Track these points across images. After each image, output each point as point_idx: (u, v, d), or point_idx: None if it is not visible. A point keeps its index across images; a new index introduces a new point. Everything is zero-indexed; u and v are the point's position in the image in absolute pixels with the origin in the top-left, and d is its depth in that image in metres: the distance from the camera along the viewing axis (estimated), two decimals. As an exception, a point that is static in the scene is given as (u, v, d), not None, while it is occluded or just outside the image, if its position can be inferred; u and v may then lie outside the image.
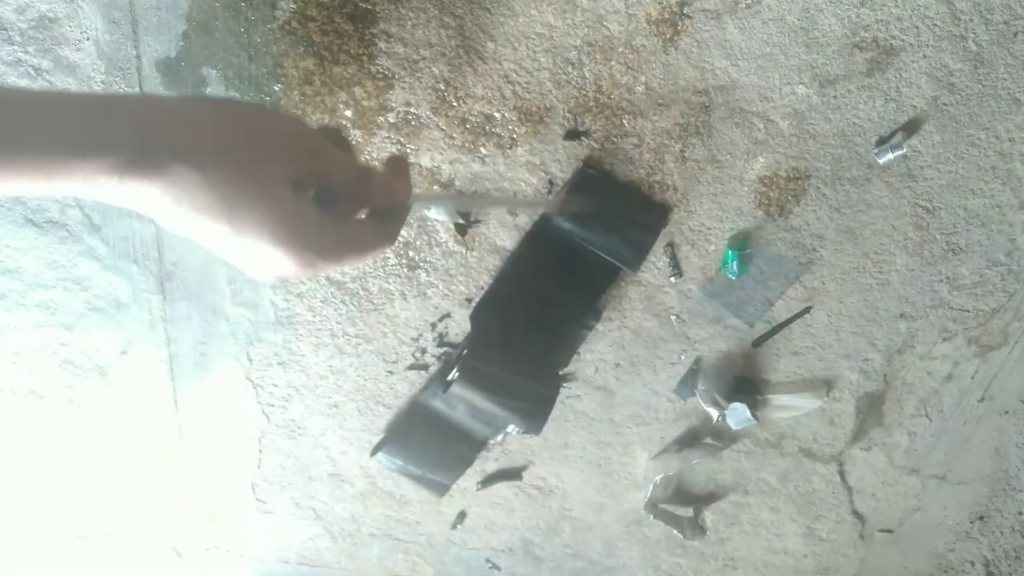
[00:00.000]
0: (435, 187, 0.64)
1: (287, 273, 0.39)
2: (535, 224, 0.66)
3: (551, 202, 0.63)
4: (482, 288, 0.70)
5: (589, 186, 0.62)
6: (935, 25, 0.58)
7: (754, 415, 0.76)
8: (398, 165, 0.45)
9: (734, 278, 0.70)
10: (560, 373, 0.73)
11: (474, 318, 0.69)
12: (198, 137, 0.36)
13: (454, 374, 0.69)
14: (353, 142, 0.46)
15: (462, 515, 0.85)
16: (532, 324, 0.69)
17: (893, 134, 0.63)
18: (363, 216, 0.44)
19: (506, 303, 0.68)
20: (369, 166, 0.43)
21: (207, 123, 0.36)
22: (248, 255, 0.38)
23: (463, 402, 0.70)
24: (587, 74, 0.60)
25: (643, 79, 0.60)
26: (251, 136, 0.37)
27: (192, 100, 0.39)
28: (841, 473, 0.85)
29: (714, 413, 0.76)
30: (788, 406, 0.79)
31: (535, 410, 0.70)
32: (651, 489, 0.82)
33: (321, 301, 0.70)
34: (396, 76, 0.59)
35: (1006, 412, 0.82)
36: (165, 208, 0.36)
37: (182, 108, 0.37)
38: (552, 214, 0.64)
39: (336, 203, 0.42)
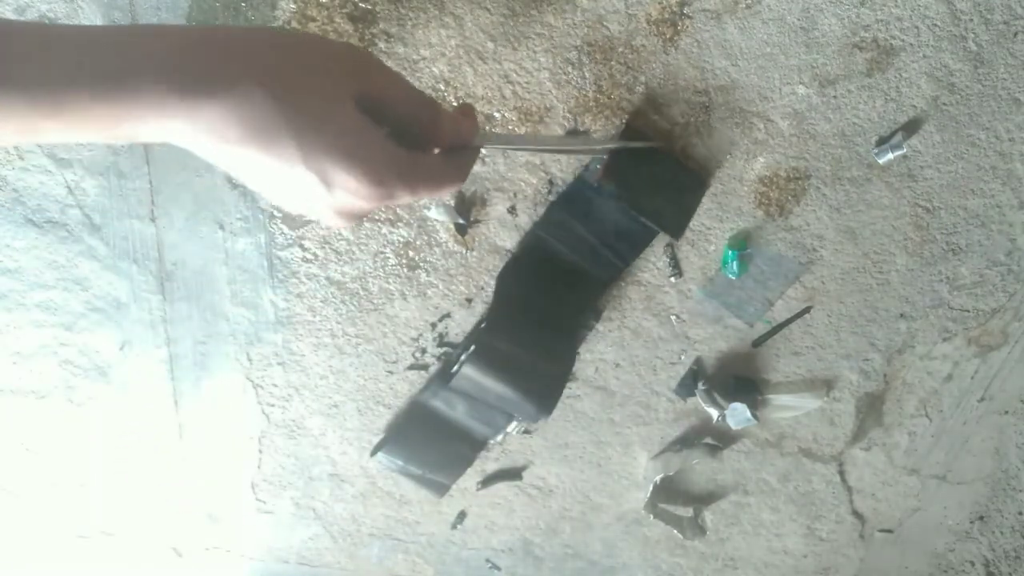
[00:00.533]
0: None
1: (359, 198, 0.38)
2: (570, 186, 0.64)
3: (608, 145, 0.61)
4: (482, 288, 0.70)
5: (630, 148, 0.61)
6: (935, 25, 0.58)
7: (754, 415, 0.76)
8: (466, 108, 0.45)
9: (734, 278, 0.70)
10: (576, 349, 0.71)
11: (500, 279, 0.68)
12: (262, 59, 0.35)
13: (465, 356, 0.69)
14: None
15: (462, 515, 0.85)
16: (557, 289, 0.68)
17: (893, 134, 0.63)
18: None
19: (533, 266, 0.67)
20: (436, 102, 0.42)
21: (269, 45, 0.36)
22: (316, 182, 0.36)
23: (467, 393, 0.70)
24: (587, 74, 0.60)
25: (643, 79, 0.60)
26: (317, 55, 0.37)
27: (251, 27, 0.39)
28: (841, 473, 0.85)
29: (714, 413, 0.76)
30: (788, 406, 0.79)
31: (546, 390, 0.68)
32: (651, 489, 0.82)
33: (321, 301, 0.70)
34: (396, 76, 0.59)
35: (1006, 412, 0.82)
36: (232, 131, 0.35)
37: (243, 33, 0.36)
38: (588, 174, 0.63)
39: (406, 138, 0.40)
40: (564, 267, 0.67)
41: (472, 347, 0.69)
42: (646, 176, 0.62)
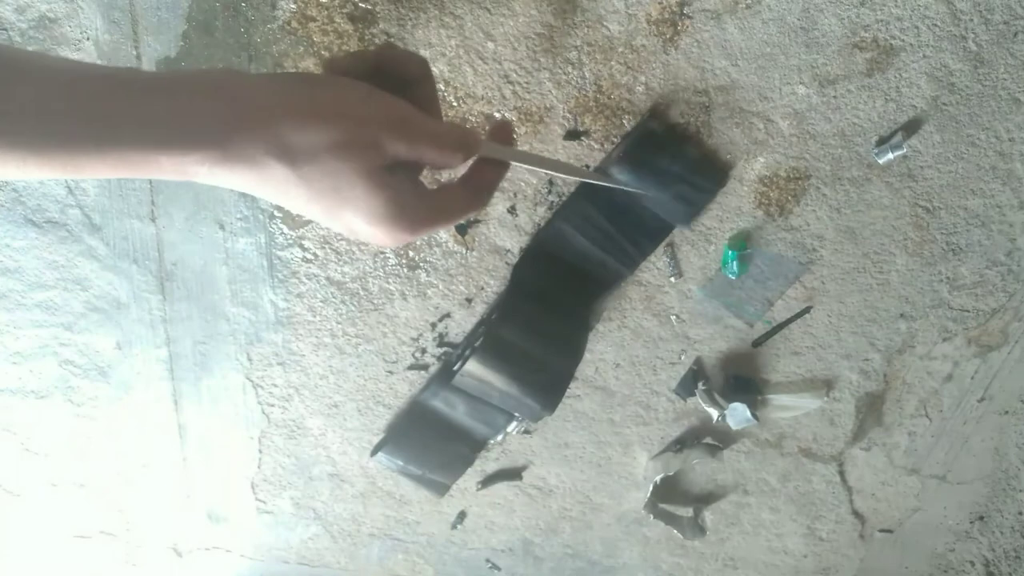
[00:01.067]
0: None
1: (379, 245, 0.39)
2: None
3: (612, 151, 0.61)
4: (482, 288, 0.70)
5: (650, 140, 0.61)
6: (935, 25, 0.58)
7: (754, 415, 0.76)
8: (504, 132, 0.44)
9: (734, 278, 0.70)
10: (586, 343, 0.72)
11: (517, 268, 0.68)
12: (289, 128, 0.35)
13: (470, 351, 0.69)
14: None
15: (462, 515, 0.85)
16: (575, 280, 0.68)
17: (893, 134, 0.63)
18: (456, 180, 0.44)
19: (552, 257, 0.67)
20: (467, 131, 0.42)
21: (297, 111, 0.35)
22: (342, 230, 0.39)
23: (469, 392, 0.70)
24: (587, 74, 0.60)
25: (643, 79, 0.60)
26: (345, 123, 0.36)
27: (281, 81, 0.37)
28: (841, 473, 0.85)
29: (714, 413, 0.76)
30: (788, 406, 0.79)
31: (552, 385, 0.68)
32: (651, 489, 0.82)
33: (321, 301, 0.70)
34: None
35: (1006, 412, 0.82)
36: (258, 192, 0.36)
37: (271, 92, 0.36)
38: (607, 166, 0.63)
39: (428, 167, 0.41)
40: (583, 258, 0.68)
41: (479, 340, 0.69)
42: (661, 167, 0.63)
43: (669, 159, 0.62)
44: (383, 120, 0.38)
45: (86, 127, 0.32)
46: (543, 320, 0.67)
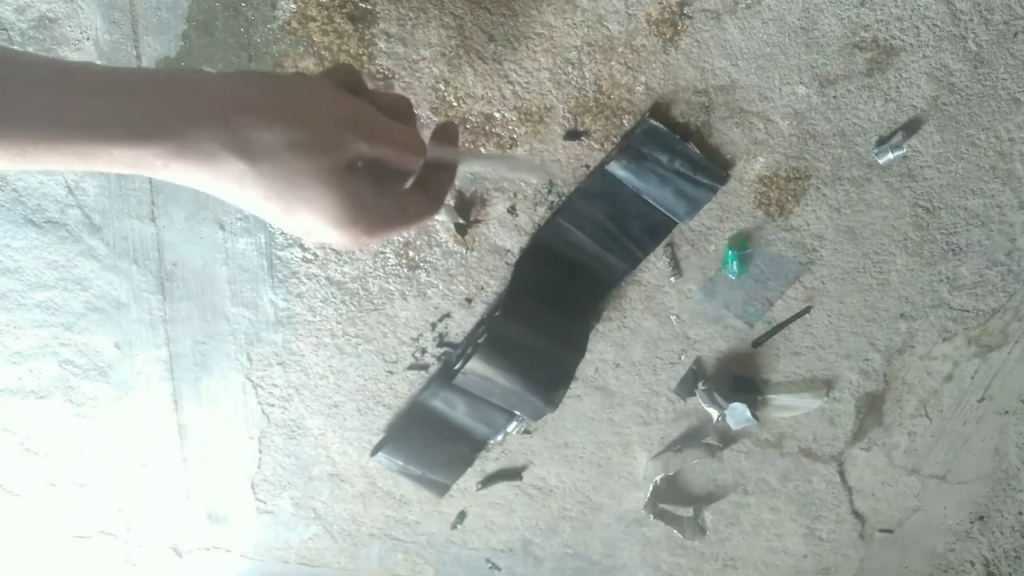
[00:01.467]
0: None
1: (336, 247, 0.40)
2: (588, 176, 0.64)
3: (610, 153, 0.61)
4: (482, 288, 0.70)
5: (651, 139, 0.61)
6: (935, 25, 0.58)
7: (754, 415, 0.76)
8: (448, 132, 0.45)
9: (734, 278, 0.70)
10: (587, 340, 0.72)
11: (518, 266, 0.68)
12: (247, 125, 0.35)
13: (472, 349, 0.69)
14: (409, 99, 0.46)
15: (462, 515, 0.85)
16: (576, 277, 0.68)
17: (893, 134, 0.63)
18: (410, 183, 0.45)
19: (553, 254, 0.67)
20: (420, 141, 0.43)
21: (256, 108, 0.35)
22: (297, 231, 0.39)
23: (470, 391, 0.70)
24: (587, 74, 0.60)
25: (643, 79, 0.60)
26: (304, 122, 0.36)
27: (240, 79, 0.37)
28: (841, 473, 0.85)
29: (714, 413, 0.76)
30: (788, 406, 0.79)
31: (555, 382, 0.68)
32: (651, 489, 0.82)
33: (321, 301, 0.70)
34: (396, 76, 0.59)
35: (1006, 412, 0.82)
36: (213, 190, 0.36)
37: (230, 89, 0.35)
38: (608, 162, 0.63)
39: (386, 172, 0.42)
40: (585, 255, 0.68)
41: (482, 338, 0.69)
42: (661, 164, 0.63)
43: (670, 156, 0.62)
44: (343, 119, 0.38)
45: (38, 118, 0.31)
46: (545, 317, 0.67)
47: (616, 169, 0.63)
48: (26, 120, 0.31)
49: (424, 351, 0.73)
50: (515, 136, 0.62)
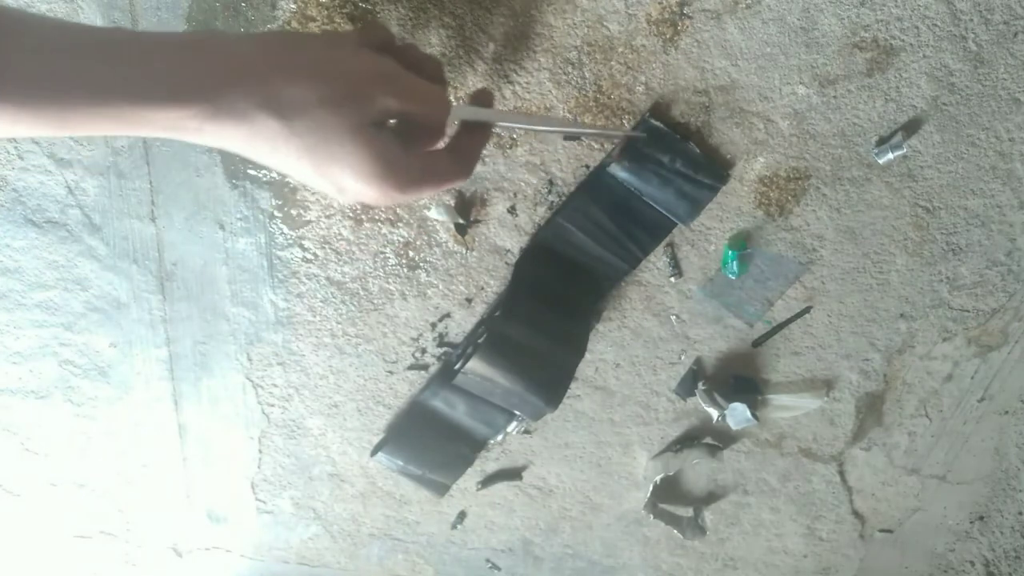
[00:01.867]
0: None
1: (370, 202, 0.41)
2: (588, 176, 0.64)
3: (624, 137, 0.61)
4: (482, 288, 0.70)
5: (652, 139, 0.61)
6: (935, 25, 0.58)
7: (754, 415, 0.76)
8: (483, 97, 0.46)
9: (734, 278, 0.70)
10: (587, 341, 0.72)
11: (518, 266, 0.68)
12: (279, 83, 0.35)
13: (472, 348, 0.68)
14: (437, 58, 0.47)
15: (462, 515, 0.85)
16: (576, 277, 0.68)
17: (893, 134, 0.63)
18: (441, 145, 0.45)
19: (553, 254, 0.67)
20: (448, 102, 0.44)
21: (287, 66, 0.36)
22: (330, 189, 0.39)
23: (470, 391, 0.70)
24: (587, 74, 0.60)
25: (643, 79, 0.60)
26: (334, 78, 0.37)
27: (270, 39, 0.38)
28: (841, 473, 0.85)
29: (714, 413, 0.76)
30: (788, 406, 0.79)
31: (555, 381, 0.68)
32: (651, 489, 0.82)
33: (321, 301, 0.70)
34: (396, 76, 0.59)
35: (1006, 412, 0.82)
36: (246, 150, 0.36)
37: (260, 49, 0.36)
38: (608, 163, 0.63)
39: (415, 132, 0.42)
40: (585, 255, 0.68)
41: (482, 337, 0.69)
42: (663, 164, 0.63)
43: (671, 155, 0.62)
44: (372, 75, 0.38)
45: (79, 83, 0.32)
46: (545, 317, 0.67)
47: (617, 171, 0.63)
48: (66, 86, 0.32)
49: (424, 351, 0.73)
50: (515, 136, 0.62)
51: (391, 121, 0.42)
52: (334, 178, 0.38)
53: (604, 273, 0.69)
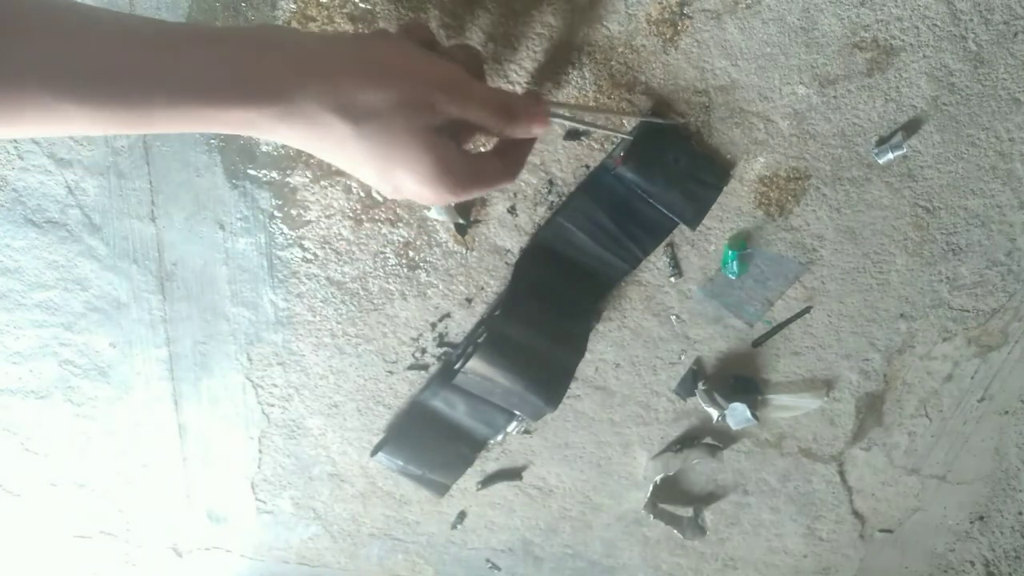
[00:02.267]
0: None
1: (419, 202, 0.43)
2: (588, 176, 0.64)
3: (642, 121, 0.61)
4: (482, 288, 0.70)
5: (655, 135, 0.61)
6: (935, 25, 0.58)
7: (754, 415, 0.76)
8: (533, 103, 0.47)
9: (734, 278, 0.70)
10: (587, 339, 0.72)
11: (518, 266, 0.68)
12: (349, 87, 0.36)
13: (472, 348, 0.68)
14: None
15: (462, 515, 0.85)
16: (576, 277, 0.68)
17: (893, 134, 0.63)
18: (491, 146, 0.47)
19: (553, 254, 0.67)
20: (509, 97, 0.45)
21: (355, 70, 0.37)
22: (386, 188, 0.41)
23: (470, 391, 0.70)
24: (587, 74, 0.60)
25: (643, 79, 0.60)
26: (402, 83, 0.38)
27: (334, 41, 0.39)
28: (841, 473, 0.85)
29: (714, 413, 0.76)
30: (788, 406, 0.79)
31: (555, 381, 0.68)
32: (651, 489, 0.82)
33: (321, 301, 0.70)
34: (396, 76, 0.59)
35: (1006, 412, 0.82)
36: (315, 149, 0.37)
37: (328, 51, 0.37)
38: (610, 163, 0.63)
39: (469, 129, 0.44)
40: (585, 255, 0.67)
41: (482, 337, 0.69)
42: (667, 164, 0.62)
43: (674, 155, 0.62)
44: (438, 81, 0.39)
45: (157, 82, 0.33)
46: (545, 316, 0.67)
47: (624, 172, 0.62)
48: (148, 83, 0.32)
49: (424, 351, 0.73)
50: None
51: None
52: (395, 181, 0.39)
53: (604, 273, 0.69)
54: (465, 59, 0.45)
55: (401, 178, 0.39)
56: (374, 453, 0.79)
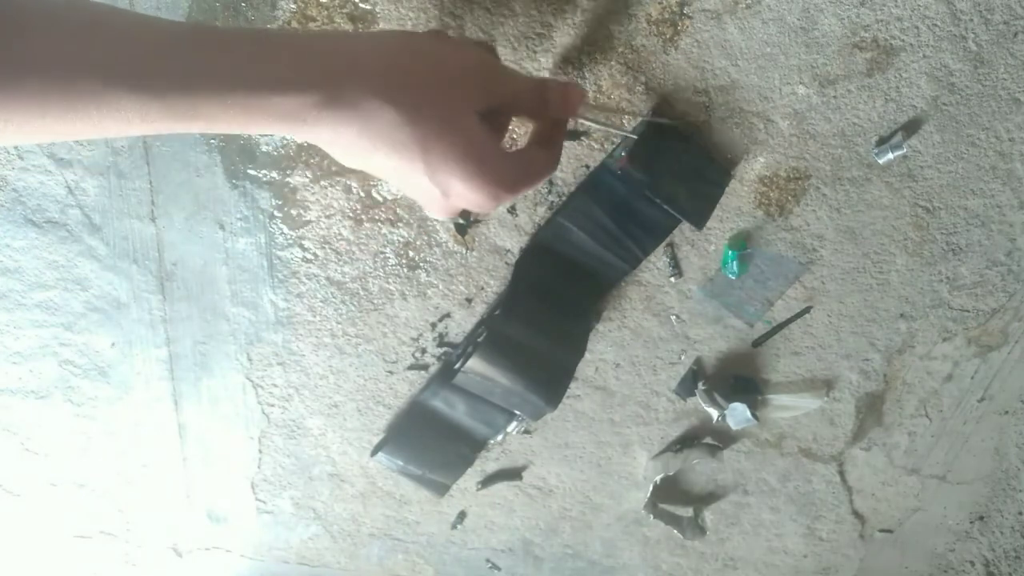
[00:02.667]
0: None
1: (472, 208, 0.40)
2: (594, 173, 0.64)
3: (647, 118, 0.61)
4: (482, 288, 0.70)
5: (657, 134, 0.61)
6: (935, 25, 0.58)
7: (754, 415, 0.76)
8: (570, 90, 0.46)
9: (734, 278, 0.70)
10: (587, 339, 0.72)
11: (518, 265, 0.68)
12: (392, 74, 0.36)
13: (473, 347, 0.68)
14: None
15: (462, 515, 0.85)
16: (576, 277, 0.68)
17: (893, 134, 0.63)
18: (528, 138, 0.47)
19: (553, 254, 0.67)
20: (542, 80, 0.44)
21: (398, 59, 0.37)
22: (438, 193, 0.39)
23: (470, 390, 0.70)
24: (587, 74, 0.60)
25: (643, 79, 0.60)
26: (442, 70, 0.38)
27: (379, 35, 0.39)
28: (841, 473, 0.85)
29: (714, 413, 0.76)
30: (788, 406, 0.79)
31: (555, 381, 0.68)
32: (651, 489, 0.82)
33: (321, 301, 0.70)
34: (396, 76, 0.59)
35: (1006, 412, 0.82)
36: (360, 144, 0.36)
37: (372, 44, 0.37)
38: (612, 163, 0.62)
39: (507, 121, 0.44)
40: (585, 255, 0.67)
41: (482, 336, 0.69)
42: (671, 164, 0.62)
43: (677, 154, 0.62)
44: (480, 67, 0.40)
45: (207, 73, 0.33)
46: (545, 316, 0.67)
47: (632, 172, 0.61)
48: (195, 76, 0.33)
49: (424, 351, 0.73)
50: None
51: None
52: (441, 178, 0.38)
53: (604, 273, 0.69)
54: (489, 53, 0.46)
55: (447, 172, 0.38)
56: (374, 453, 0.79)
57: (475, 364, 0.65)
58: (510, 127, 0.49)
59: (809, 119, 0.62)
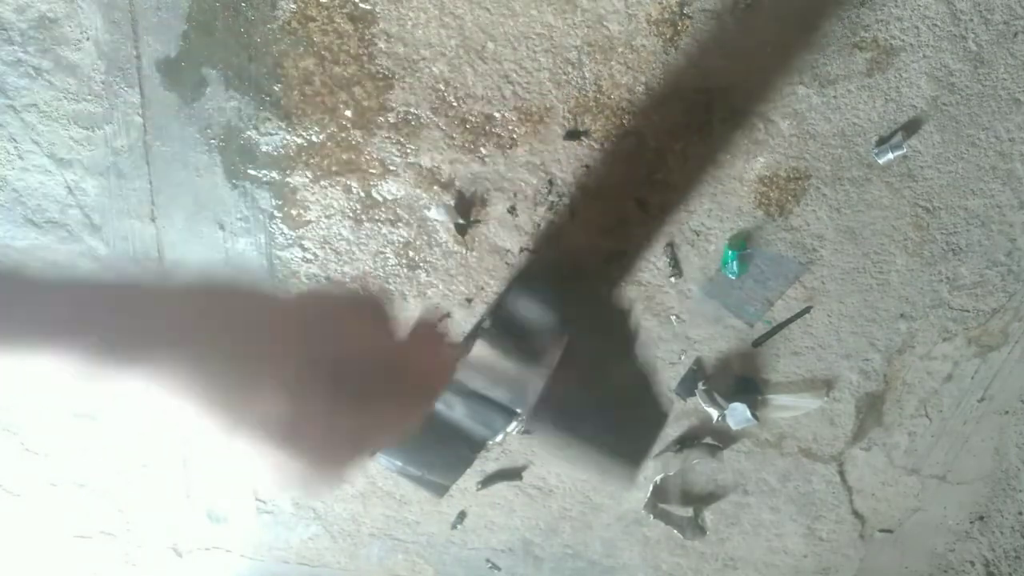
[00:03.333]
0: (434, 187, 0.64)
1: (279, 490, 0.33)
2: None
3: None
4: (482, 288, 0.70)
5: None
6: (935, 25, 0.58)
7: (754, 415, 0.76)
8: (433, 334, 0.37)
9: (734, 278, 0.70)
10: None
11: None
12: (186, 318, 0.30)
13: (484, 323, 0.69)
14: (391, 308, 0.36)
15: (462, 515, 0.85)
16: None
17: (893, 134, 0.63)
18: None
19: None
20: (402, 344, 0.35)
21: (198, 304, 0.31)
22: (237, 461, 0.32)
23: (467, 394, 0.70)
24: (587, 74, 0.60)
25: (643, 79, 0.60)
26: (250, 320, 0.31)
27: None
28: (841, 473, 0.85)
29: (714, 413, 0.76)
30: (788, 406, 0.79)
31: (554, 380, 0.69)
32: (651, 489, 0.82)
33: (321, 301, 0.70)
34: (396, 76, 0.59)
35: (1006, 412, 0.82)
36: (144, 397, 0.30)
37: (168, 293, 0.31)
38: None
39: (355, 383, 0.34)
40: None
41: (486, 322, 0.70)
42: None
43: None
44: (300, 320, 0.32)
45: None
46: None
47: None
48: None
49: (424, 351, 0.73)
50: (515, 136, 0.62)
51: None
52: (241, 445, 0.31)
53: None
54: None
55: (247, 438, 0.30)
56: (374, 453, 0.78)
57: (480, 351, 0.66)
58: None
59: (809, 119, 0.62)
